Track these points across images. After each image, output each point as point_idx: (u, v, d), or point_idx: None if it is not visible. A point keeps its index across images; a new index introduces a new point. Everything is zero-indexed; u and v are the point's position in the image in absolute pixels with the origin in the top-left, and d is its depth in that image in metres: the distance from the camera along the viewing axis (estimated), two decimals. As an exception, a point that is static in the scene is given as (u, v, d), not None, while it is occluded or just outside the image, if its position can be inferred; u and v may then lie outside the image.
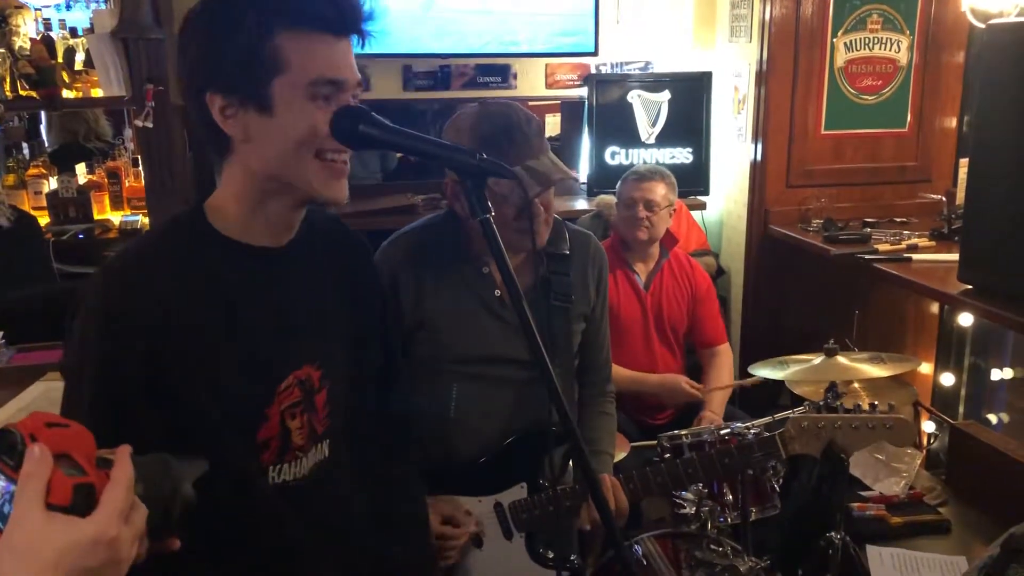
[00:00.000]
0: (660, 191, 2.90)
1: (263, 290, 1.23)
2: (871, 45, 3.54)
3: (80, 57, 3.48)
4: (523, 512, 1.85)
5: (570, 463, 1.93)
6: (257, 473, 1.23)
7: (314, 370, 1.28)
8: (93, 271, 1.20)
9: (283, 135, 1.13)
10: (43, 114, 4.47)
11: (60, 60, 3.44)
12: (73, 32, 3.54)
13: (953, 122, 3.68)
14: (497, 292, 1.84)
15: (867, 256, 2.93)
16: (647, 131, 3.87)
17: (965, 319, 3.54)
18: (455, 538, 1.80)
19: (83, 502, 0.74)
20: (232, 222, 1.20)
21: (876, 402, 1.95)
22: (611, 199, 3.37)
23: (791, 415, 1.97)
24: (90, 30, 3.41)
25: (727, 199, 3.93)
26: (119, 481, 0.77)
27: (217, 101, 1.13)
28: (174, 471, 0.86)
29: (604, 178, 3.75)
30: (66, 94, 3.40)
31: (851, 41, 3.53)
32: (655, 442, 2.30)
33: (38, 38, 3.45)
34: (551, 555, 1.89)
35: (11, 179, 3.87)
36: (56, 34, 3.51)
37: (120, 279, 1.16)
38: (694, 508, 2.18)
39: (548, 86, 3.90)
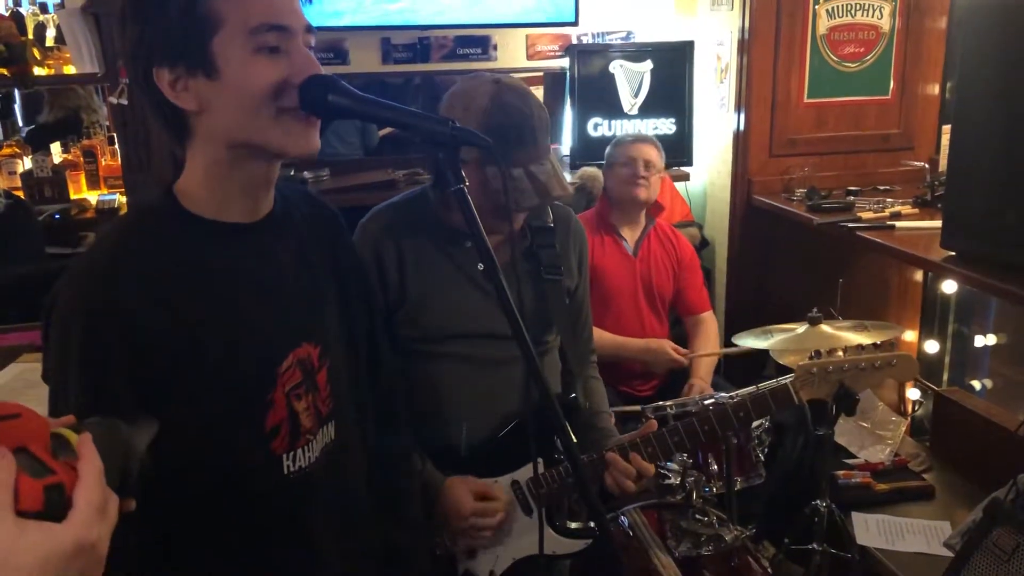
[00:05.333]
0: (655, 154, 2.97)
1: (247, 268, 1.18)
2: (853, 12, 3.51)
3: (51, 33, 3.43)
4: (541, 487, 1.84)
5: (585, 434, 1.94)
6: (269, 463, 1.19)
7: (312, 348, 1.24)
8: (68, 263, 1.15)
9: (236, 96, 1.09)
10: (16, 92, 4.40)
11: (30, 37, 3.38)
12: (43, 8, 3.49)
13: (936, 89, 3.66)
14: (481, 266, 1.81)
15: (850, 224, 2.92)
16: (630, 102, 3.84)
17: (949, 286, 3.55)
18: (491, 514, 1.79)
19: (56, 505, 0.70)
20: (205, 202, 1.16)
21: (878, 341, 1.96)
22: (594, 171, 3.36)
23: (776, 383, 1.96)
24: (60, 5, 3.36)
25: (710, 170, 3.91)
26: (91, 478, 0.72)
27: (165, 76, 1.09)
28: (124, 436, 0.81)
29: (587, 150, 3.72)
30: (38, 71, 3.34)
31: (833, 8, 3.50)
32: (638, 408, 2.30)
33: (7, 14, 3.38)
34: (576, 525, 1.89)
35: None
36: (26, 10, 3.45)
37: (97, 277, 1.10)
38: (679, 479, 2.18)
39: (529, 57, 3.86)
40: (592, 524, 1.88)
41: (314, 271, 1.29)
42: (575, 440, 1.23)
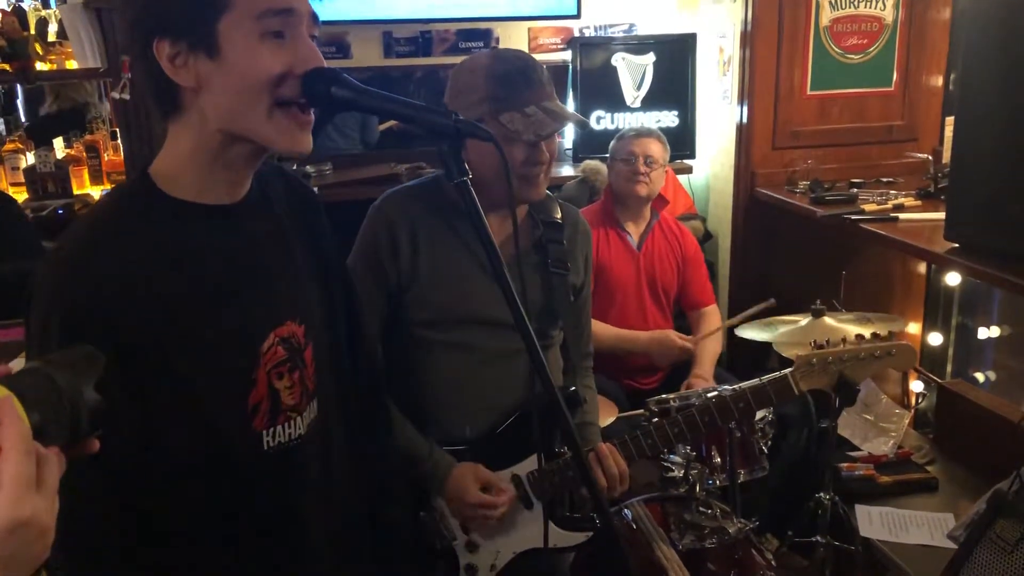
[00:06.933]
0: (657, 148, 2.95)
1: (227, 249, 1.18)
2: (856, 3, 3.50)
3: (53, 28, 3.42)
4: (542, 480, 1.84)
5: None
6: (249, 440, 1.20)
7: (296, 326, 1.24)
8: (45, 259, 1.11)
9: (236, 79, 1.07)
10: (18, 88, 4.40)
11: (32, 32, 3.38)
12: (45, 2, 3.48)
13: (939, 80, 3.65)
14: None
15: (854, 217, 2.91)
16: (632, 95, 3.83)
17: (952, 278, 3.54)
18: (495, 506, 1.79)
19: None
20: (185, 184, 1.14)
21: (876, 331, 1.96)
22: (597, 164, 3.36)
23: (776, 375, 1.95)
24: (62, 1, 3.35)
25: (713, 162, 3.90)
26: (15, 450, 0.65)
27: (165, 49, 1.07)
28: (64, 384, 0.74)
29: (590, 143, 3.72)
30: (40, 66, 3.34)
31: (836, -1, 3.49)
32: (641, 411, 2.30)
33: (9, 9, 3.38)
34: (577, 516, 1.90)
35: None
36: (28, 5, 3.44)
37: (75, 265, 1.08)
38: (682, 471, 2.18)
39: (531, 50, 3.85)
40: (593, 515, 1.89)
41: (293, 251, 1.29)
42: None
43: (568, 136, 3.96)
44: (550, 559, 1.91)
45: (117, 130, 3.55)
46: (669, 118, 3.84)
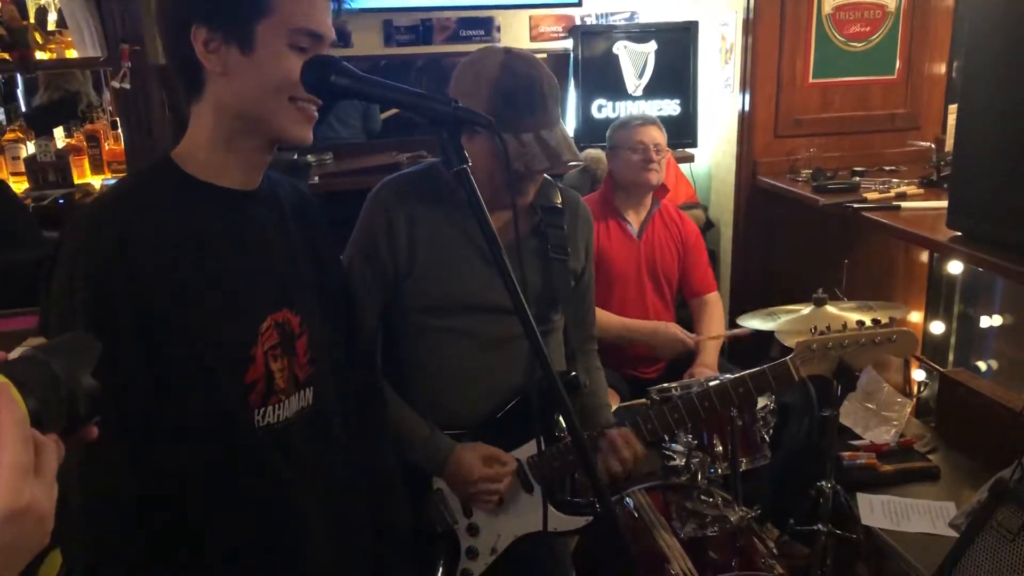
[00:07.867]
0: (661, 135, 2.95)
1: (238, 231, 1.26)
2: (859, -10, 3.48)
3: (52, 17, 3.41)
4: (542, 464, 1.84)
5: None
6: (243, 415, 1.25)
7: (292, 315, 1.31)
8: (69, 223, 1.21)
9: (260, 76, 1.18)
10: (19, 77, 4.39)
11: (32, 21, 3.37)
12: (44, -9, 3.46)
13: (942, 68, 3.64)
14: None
15: (856, 205, 2.90)
16: (634, 83, 3.82)
17: (955, 267, 3.53)
18: (499, 479, 1.80)
19: None
20: (204, 164, 1.23)
21: (878, 317, 1.95)
22: (599, 153, 3.34)
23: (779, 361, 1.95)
24: (61, -11, 3.34)
25: (715, 151, 3.89)
26: (10, 437, 0.63)
27: (202, 34, 1.16)
28: (60, 371, 0.72)
29: (591, 132, 3.70)
30: (39, 55, 3.33)
31: (839, -13, 3.47)
32: (643, 400, 2.29)
33: (8, -2, 3.36)
34: (578, 501, 1.90)
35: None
36: (27, -6, 3.43)
37: (103, 222, 1.17)
38: (684, 460, 2.18)
39: (532, 39, 3.84)
40: (593, 499, 1.89)
41: (295, 249, 1.36)
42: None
43: (569, 125, 3.94)
44: (550, 543, 1.91)
45: (117, 120, 3.54)
46: (671, 106, 3.83)
